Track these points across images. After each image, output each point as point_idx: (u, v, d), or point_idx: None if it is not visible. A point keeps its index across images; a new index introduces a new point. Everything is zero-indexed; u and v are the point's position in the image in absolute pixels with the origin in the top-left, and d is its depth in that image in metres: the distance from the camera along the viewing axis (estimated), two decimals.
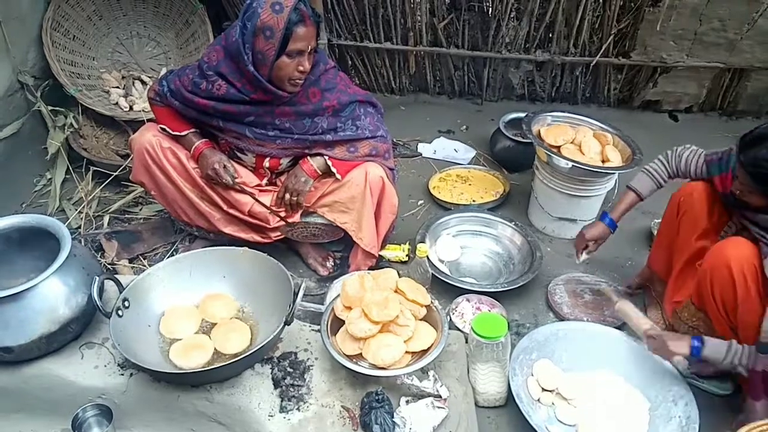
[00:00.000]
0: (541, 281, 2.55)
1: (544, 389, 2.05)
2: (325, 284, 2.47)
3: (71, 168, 3.05)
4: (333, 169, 2.29)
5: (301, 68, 2.10)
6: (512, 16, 3.55)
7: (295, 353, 1.88)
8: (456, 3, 3.57)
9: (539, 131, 2.76)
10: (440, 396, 1.78)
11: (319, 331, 1.86)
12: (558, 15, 3.48)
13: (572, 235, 2.83)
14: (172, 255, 2.56)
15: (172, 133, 2.30)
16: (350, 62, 3.90)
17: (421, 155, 3.45)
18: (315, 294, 2.46)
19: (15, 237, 1.89)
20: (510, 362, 2.01)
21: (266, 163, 2.36)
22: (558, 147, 2.69)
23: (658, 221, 2.43)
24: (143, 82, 3.45)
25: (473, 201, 3.02)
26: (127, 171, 2.60)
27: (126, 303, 1.83)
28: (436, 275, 2.41)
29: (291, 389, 1.76)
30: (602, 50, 3.57)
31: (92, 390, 1.79)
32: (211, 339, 1.88)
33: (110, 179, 2.96)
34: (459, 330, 2.22)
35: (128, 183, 2.84)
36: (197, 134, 2.32)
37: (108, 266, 2.52)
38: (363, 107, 2.34)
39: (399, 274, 1.99)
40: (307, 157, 2.33)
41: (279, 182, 2.44)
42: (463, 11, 3.57)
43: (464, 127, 3.74)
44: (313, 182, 2.34)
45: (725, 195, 2.01)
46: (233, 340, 1.88)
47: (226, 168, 2.28)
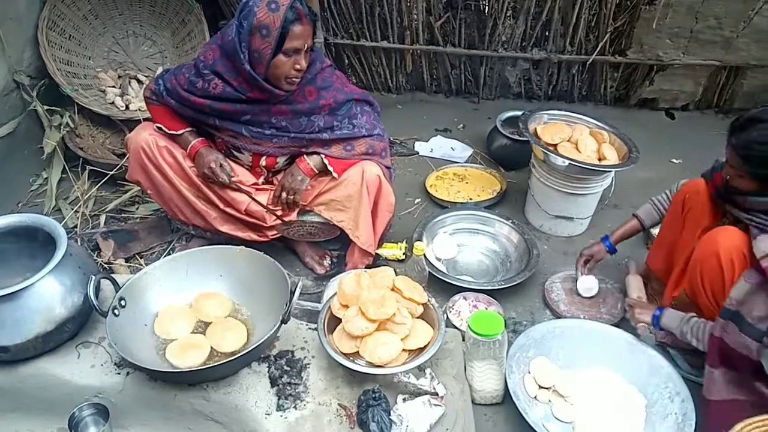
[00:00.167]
0: (538, 279, 2.55)
1: (541, 387, 2.05)
2: (322, 282, 2.47)
3: (67, 167, 3.05)
4: (330, 168, 2.29)
5: (298, 67, 2.10)
6: (509, 15, 3.56)
7: (292, 351, 1.88)
8: (452, 1, 3.57)
9: (536, 129, 2.77)
10: (437, 394, 1.78)
11: (316, 330, 1.86)
12: (554, 13, 3.49)
13: (569, 233, 2.85)
14: (169, 254, 2.56)
15: (169, 132, 2.30)
16: (347, 61, 3.90)
17: (418, 154, 3.45)
18: (312, 292, 2.46)
19: (11, 236, 1.88)
20: (507, 360, 2.02)
21: (263, 162, 2.36)
22: (554, 145, 2.69)
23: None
24: (139, 82, 3.44)
25: (470, 199, 3.03)
26: (124, 170, 2.60)
27: (122, 302, 1.82)
28: (433, 273, 2.41)
29: (288, 387, 1.76)
30: (598, 48, 3.58)
31: (89, 389, 1.79)
32: (207, 338, 1.88)
33: (106, 178, 2.95)
34: (456, 328, 2.23)
35: (125, 182, 2.83)
36: (193, 133, 2.32)
37: (104, 265, 2.52)
38: (359, 106, 2.34)
39: (396, 273, 1.99)
40: (304, 156, 2.32)
41: (276, 181, 2.44)
42: (460, 10, 3.57)
43: (461, 126, 3.74)
44: (310, 181, 2.34)
45: (717, 189, 2.03)
46: (229, 339, 1.87)
47: (223, 167, 2.27)
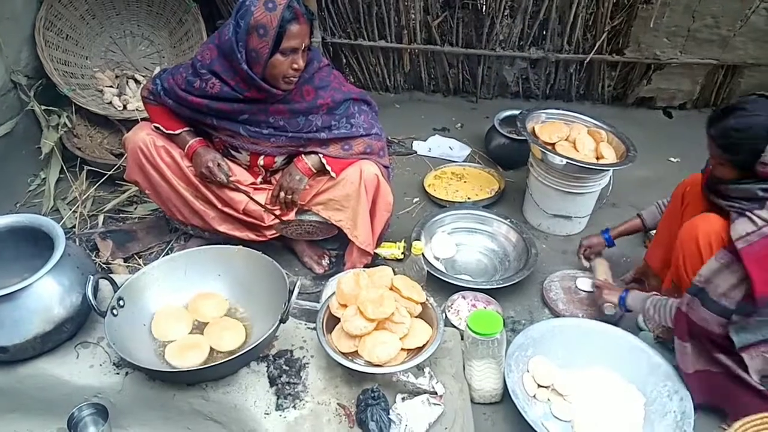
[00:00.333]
0: (537, 278, 2.55)
1: (540, 385, 2.06)
2: (321, 282, 2.46)
3: (65, 167, 3.04)
4: (328, 167, 2.29)
5: (295, 66, 2.10)
6: (506, 14, 3.56)
7: (291, 351, 1.88)
8: (450, 1, 3.57)
9: (534, 128, 2.77)
10: (436, 393, 1.78)
11: (315, 329, 1.86)
12: (552, 12, 3.49)
13: (567, 232, 2.85)
14: (167, 254, 2.55)
15: (166, 132, 2.30)
16: (344, 60, 3.90)
17: (416, 153, 3.45)
18: (310, 292, 2.45)
19: (9, 237, 1.88)
20: (505, 359, 2.02)
21: (261, 162, 2.36)
22: (552, 144, 2.70)
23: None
24: (137, 81, 3.44)
25: (468, 198, 3.03)
26: (122, 170, 2.60)
27: (121, 302, 1.82)
28: (432, 273, 2.41)
29: (287, 387, 1.76)
30: (596, 47, 3.58)
31: (88, 389, 1.78)
32: (205, 338, 1.88)
33: (104, 178, 2.95)
34: (455, 327, 2.23)
35: (123, 182, 2.83)
36: (191, 133, 2.31)
37: (103, 266, 2.52)
38: (357, 105, 2.34)
39: (394, 272, 1.99)
40: (302, 155, 2.32)
41: (274, 180, 2.44)
42: (457, 9, 3.58)
43: (459, 125, 3.74)
44: (308, 180, 2.34)
45: (705, 182, 2.08)
46: (228, 338, 1.87)
47: (220, 166, 2.27)
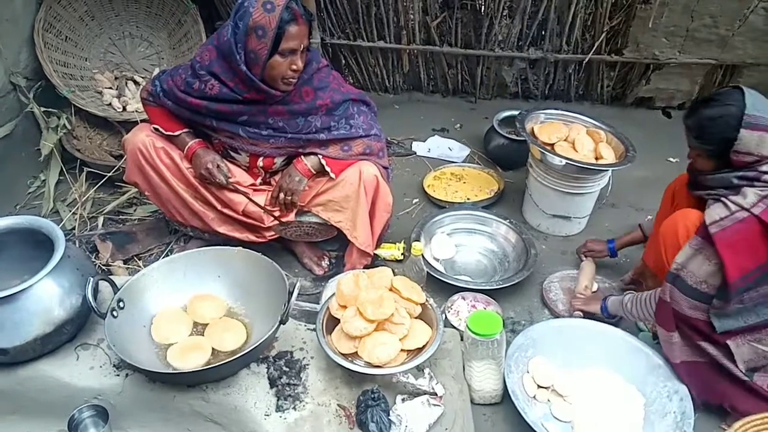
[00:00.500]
0: (536, 278, 2.56)
1: (540, 386, 2.06)
2: (321, 283, 2.46)
3: (65, 169, 3.04)
4: (327, 168, 2.29)
5: (294, 67, 2.10)
6: (505, 14, 3.56)
7: (291, 352, 1.88)
8: (449, 1, 3.57)
9: (533, 129, 2.77)
10: (436, 393, 1.78)
11: (315, 330, 1.86)
12: (550, 13, 3.49)
13: (567, 233, 2.85)
14: (167, 255, 2.55)
15: (166, 133, 2.30)
16: (344, 61, 3.90)
17: (416, 154, 3.45)
18: (310, 293, 2.45)
19: (9, 238, 1.88)
20: (505, 359, 2.02)
21: (260, 163, 2.36)
22: (551, 144, 2.69)
23: (652, 218, 2.44)
24: (136, 83, 3.44)
25: (468, 199, 3.03)
26: (121, 172, 2.60)
27: (121, 304, 1.82)
28: (431, 273, 2.41)
29: (287, 388, 1.76)
30: (595, 48, 3.58)
31: (88, 391, 1.78)
32: (206, 338, 1.88)
33: (104, 180, 2.95)
34: (454, 328, 2.23)
35: (122, 184, 2.84)
36: (190, 134, 2.32)
37: (102, 267, 2.52)
38: (356, 106, 2.34)
39: (394, 273, 1.99)
40: (301, 157, 2.33)
41: (273, 181, 2.44)
42: (456, 9, 3.57)
43: (458, 126, 3.74)
44: (308, 181, 2.34)
45: (688, 178, 2.12)
46: (229, 338, 1.88)
47: (220, 167, 2.27)
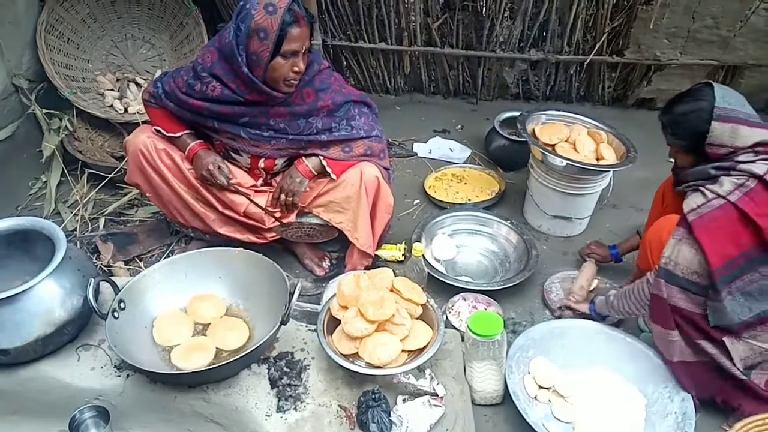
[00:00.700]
0: (537, 279, 2.55)
1: (541, 387, 2.05)
2: (322, 284, 2.47)
3: (66, 170, 3.05)
4: (328, 169, 2.30)
5: (296, 69, 2.10)
6: (506, 16, 3.56)
7: (292, 353, 1.88)
8: (450, 3, 3.58)
9: (534, 130, 2.77)
10: (437, 394, 1.78)
11: (316, 331, 1.86)
12: (551, 14, 3.49)
13: (568, 233, 2.85)
14: (168, 256, 2.55)
15: (167, 135, 2.30)
16: (345, 63, 3.90)
17: (417, 155, 3.45)
18: (311, 294, 2.46)
19: (10, 239, 1.89)
20: (506, 360, 2.02)
21: (261, 164, 2.37)
22: (552, 145, 2.69)
23: None
24: (138, 84, 3.45)
25: (469, 200, 3.03)
26: (123, 173, 2.60)
27: (122, 305, 1.82)
28: (432, 274, 2.41)
29: (288, 389, 1.76)
30: (596, 49, 3.58)
31: (89, 392, 1.79)
32: (209, 338, 1.89)
33: (105, 181, 2.95)
34: (455, 328, 2.23)
35: (123, 185, 2.84)
36: (192, 135, 2.32)
37: (104, 268, 2.52)
38: (357, 107, 2.34)
39: (395, 274, 2.00)
40: (302, 158, 2.33)
41: (274, 183, 2.44)
42: (457, 11, 3.58)
43: (459, 127, 3.74)
44: (309, 182, 2.34)
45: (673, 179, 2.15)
46: (232, 337, 1.89)
47: (221, 169, 2.28)
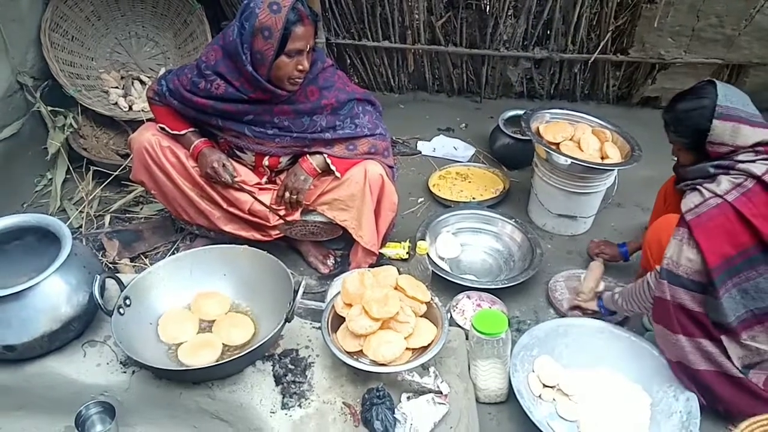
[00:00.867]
0: (542, 278, 2.55)
1: (545, 385, 2.05)
2: (326, 282, 2.47)
3: (71, 168, 3.06)
4: (332, 167, 2.30)
5: (300, 67, 2.11)
6: (510, 14, 3.56)
7: (297, 350, 1.89)
8: (454, 1, 3.57)
9: (538, 128, 2.76)
10: (441, 392, 1.78)
11: (320, 329, 1.87)
12: (556, 12, 3.49)
13: (572, 232, 2.85)
14: (173, 254, 2.56)
15: (171, 132, 2.31)
16: (349, 61, 3.90)
17: (421, 153, 3.46)
18: (316, 292, 2.46)
19: (16, 236, 1.89)
20: (511, 358, 2.02)
21: (265, 162, 2.37)
22: (557, 144, 2.69)
23: None
24: (142, 82, 3.45)
25: (473, 198, 3.03)
26: (128, 170, 2.61)
27: (127, 301, 1.83)
28: (437, 272, 2.41)
29: (292, 386, 1.77)
30: (600, 47, 3.57)
31: (95, 388, 1.79)
32: (215, 335, 1.90)
33: (110, 179, 2.97)
34: (460, 327, 2.23)
35: (129, 182, 2.84)
36: (196, 133, 2.32)
37: (109, 265, 2.53)
38: (361, 105, 2.35)
39: (399, 272, 2.00)
40: (307, 156, 2.33)
41: (278, 180, 2.44)
42: (461, 9, 3.57)
43: (463, 125, 3.74)
44: (313, 180, 2.34)
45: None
46: (238, 333, 1.90)
47: (225, 167, 2.28)
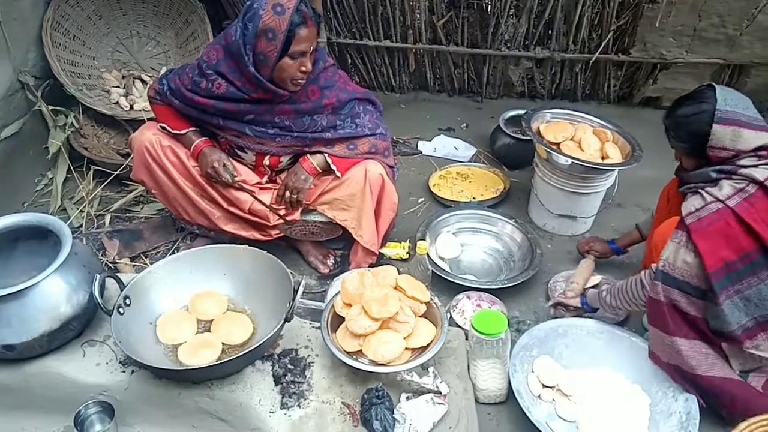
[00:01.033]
0: (542, 278, 2.55)
1: (545, 386, 2.05)
2: (326, 282, 2.47)
3: (72, 167, 3.06)
4: (333, 167, 2.30)
5: (303, 69, 2.11)
6: (511, 13, 3.55)
7: (296, 350, 1.89)
8: (455, 0, 3.57)
9: (539, 128, 2.76)
10: (440, 392, 1.79)
11: (320, 328, 1.87)
12: (557, 12, 3.48)
13: (572, 232, 2.84)
14: (173, 253, 2.56)
15: (172, 132, 2.31)
16: (350, 60, 3.90)
17: (422, 153, 3.45)
18: (316, 291, 2.46)
19: (16, 235, 1.90)
20: (510, 359, 2.02)
21: (266, 161, 2.37)
22: (557, 144, 2.68)
23: (648, 219, 2.46)
24: (143, 81, 3.45)
25: (473, 198, 3.03)
26: (128, 170, 2.61)
27: (127, 301, 1.83)
28: (437, 272, 2.41)
29: (292, 386, 1.77)
30: (602, 47, 3.57)
31: (94, 387, 1.79)
32: (214, 334, 1.90)
33: (111, 178, 2.97)
34: (459, 327, 2.23)
35: (129, 182, 2.85)
36: (197, 133, 2.32)
37: (109, 265, 2.53)
38: (362, 105, 2.35)
39: (399, 272, 2.00)
40: (307, 155, 2.33)
41: (279, 180, 2.44)
42: (462, 9, 3.57)
43: (464, 125, 3.74)
44: (313, 180, 2.34)
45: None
46: (237, 332, 1.90)
47: (226, 166, 2.28)
